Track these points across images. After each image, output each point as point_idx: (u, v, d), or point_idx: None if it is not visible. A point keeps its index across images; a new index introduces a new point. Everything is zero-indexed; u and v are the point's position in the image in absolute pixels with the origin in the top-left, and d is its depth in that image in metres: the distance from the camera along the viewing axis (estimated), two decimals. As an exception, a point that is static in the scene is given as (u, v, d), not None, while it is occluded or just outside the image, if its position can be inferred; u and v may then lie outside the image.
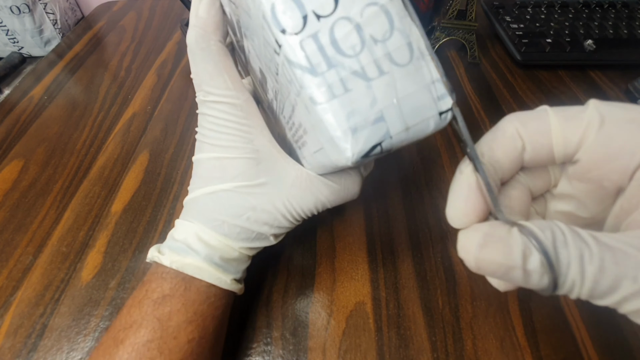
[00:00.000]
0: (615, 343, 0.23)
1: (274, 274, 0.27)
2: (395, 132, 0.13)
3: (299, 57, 0.13)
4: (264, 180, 0.20)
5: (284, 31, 0.12)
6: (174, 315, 0.19)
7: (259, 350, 0.23)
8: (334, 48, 0.12)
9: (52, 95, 0.44)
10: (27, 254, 0.29)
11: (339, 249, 0.28)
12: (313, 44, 0.12)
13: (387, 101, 0.13)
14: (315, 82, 0.13)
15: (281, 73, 0.14)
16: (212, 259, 0.20)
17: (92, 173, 0.34)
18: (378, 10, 0.12)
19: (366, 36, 0.12)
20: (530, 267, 0.11)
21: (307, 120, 0.14)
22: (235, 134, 0.19)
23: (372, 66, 0.13)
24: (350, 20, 0.12)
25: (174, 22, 0.58)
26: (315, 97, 0.13)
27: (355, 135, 0.13)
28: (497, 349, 0.23)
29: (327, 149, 0.14)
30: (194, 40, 0.18)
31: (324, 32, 0.12)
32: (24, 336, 0.24)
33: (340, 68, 0.13)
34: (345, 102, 0.13)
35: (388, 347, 0.23)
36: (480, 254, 0.12)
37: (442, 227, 0.29)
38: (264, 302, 0.25)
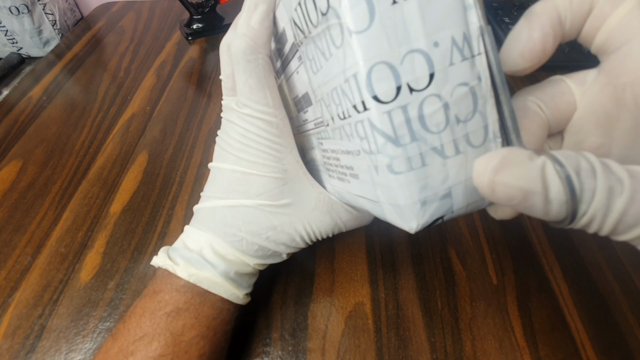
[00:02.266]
0: (614, 344, 0.23)
1: (273, 274, 0.27)
2: (458, 208, 0.14)
3: (385, 125, 0.13)
4: (288, 202, 0.20)
5: (376, 97, 0.12)
6: (187, 329, 0.18)
7: (258, 351, 0.23)
8: (420, 123, 0.13)
9: (51, 95, 0.44)
10: (25, 255, 0.29)
11: (338, 249, 0.28)
12: (401, 115, 0.12)
13: (457, 180, 0.14)
14: (397, 152, 0.13)
15: (349, 124, 0.14)
16: (228, 274, 0.20)
17: (90, 174, 0.34)
18: (467, 92, 0.13)
19: (451, 115, 0.13)
20: (551, 194, 0.11)
21: (368, 173, 0.15)
22: (266, 151, 0.19)
23: (451, 145, 0.13)
24: (440, 98, 0.13)
25: (173, 23, 0.58)
26: (394, 167, 0.13)
27: (423, 207, 0.14)
28: (496, 349, 0.23)
29: (387, 209, 0.15)
30: (242, 50, 0.18)
31: (413, 105, 0.12)
32: (22, 337, 0.24)
33: (422, 143, 0.13)
34: (421, 176, 0.13)
35: (387, 347, 0.23)
36: (497, 177, 0.11)
37: (441, 227, 0.29)
38: (263, 303, 0.25)
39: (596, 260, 0.26)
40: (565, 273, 0.26)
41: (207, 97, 0.43)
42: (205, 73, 0.47)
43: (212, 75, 0.46)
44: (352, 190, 0.18)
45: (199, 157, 0.35)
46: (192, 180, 0.33)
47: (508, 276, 0.26)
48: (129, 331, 0.18)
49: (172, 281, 0.19)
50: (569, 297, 0.25)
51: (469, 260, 0.27)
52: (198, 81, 0.45)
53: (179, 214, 0.31)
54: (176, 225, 0.30)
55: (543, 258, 0.27)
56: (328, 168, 0.20)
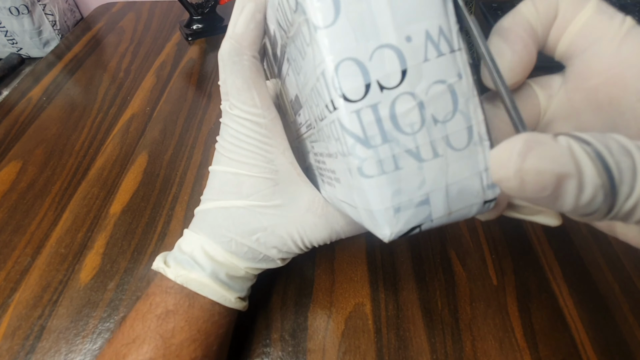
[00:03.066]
0: (614, 344, 0.23)
1: (273, 275, 0.27)
2: (437, 216, 0.13)
3: (354, 125, 0.12)
4: (279, 202, 0.19)
5: (344, 96, 0.12)
6: (177, 332, 0.18)
7: (258, 352, 0.23)
8: (392, 123, 0.12)
9: (51, 96, 0.44)
10: (25, 256, 0.29)
11: (338, 250, 0.28)
12: (371, 115, 0.12)
13: (435, 185, 0.13)
14: (367, 154, 0.12)
15: (327, 125, 0.14)
16: (217, 276, 0.19)
17: (90, 174, 0.34)
18: (444, 90, 0.12)
19: (427, 115, 0.12)
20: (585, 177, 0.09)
21: (345, 177, 0.14)
22: (256, 151, 0.19)
23: (428, 147, 0.12)
24: (414, 97, 0.12)
25: (173, 24, 0.58)
26: (364, 169, 0.12)
27: (397, 214, 0.13)
28: (496, 350, 0.23)
29: (363, 214, 0.14)
30: (227, 52, 0.18)
31: (384, 104, 0.12)
32: (22, 338, 0.24)
33: (394, 144, 0.12)
34: (394, 180, 0.12)
35: (387, 348, 0.23)
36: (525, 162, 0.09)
37: (440, 228, 0.29)
38: (263, 304, 0.25)
39: (596, 261, 0.26)
40: (565, 273, 0.26)
41: (207, 97, 0.43)
42: (205, 74, 0.47)
43: (212, 76, 0.46)
44: (337, 195, 0.17)
45: (198, 158, 0.35)
46: (192, 181, 0.33)
47: (508, 277, 0.26)
48: (122, 334, 0.19)
49: (163, 284, 0.19)
50: (569, 297, 0.25)
51: (468, 261, 0.27)
52: (198, 82, 0.45)
53: (179, 214, 0.31)
54: (176, 226, 0.30)
55: (543, 258, 0.27)
56: (320, 173, 0.19)
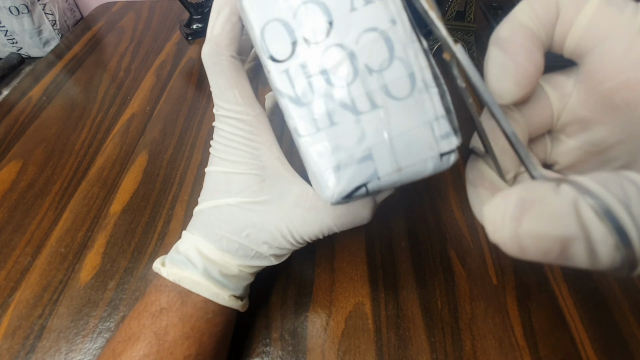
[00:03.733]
0: (614, 343, 0.23)
1: (273, 275, 0.27)
2: (385, 172, 0.12)
3: (284, 85, 0.12)
4: (267, 198, 0.19)
5: (272, 57, 0.12)
6: (171, 329, 0.19)
7: (258, 351, 0.23)
8: (322, 77, 0.11)
9: (51, 95, 0.44)
10: (25, 255, 0.29)
11: (338, 249, 0.28)
12: (300, 72, 0.12)
13: (377, 138, 0.12)
14: (300, 112, 0.12)
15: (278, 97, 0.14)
16: (210, 274, 0.20)
17: (90, 174, 0.34)
18: (377, 37, 0.11)
19: (360, 65, 0.11)
20: (595, 236, 0.08)
21: (298, 146, 0.14)
22: (243, 149, 0.19)
23: (364, 99, 0.11)
24: (344, 48, 0.11)
25: (173, 23, 0.58)
26: (299, 129, 0.12)
27: (337, 173, 0.12)
28: (496, 349, 0.23)
29: (313, 181, 0.13)
30: (207, 54, 0.18)
31: (313, 59, 0.11)
32: (22, 337, 0.24)
33: (327, 99, 0.11)
34: (331, 136, 0.12)
35: (387, 347, 0.23)
36: (520, 228, 0.08)
37: (441, 227, 0.29)
38: (262, 303, 0.25)
39: (596, 260, 0.26)
40: (565, 273, 0.26)
41: (207, 97, 0.43)
42: (205, 73, 0.47)
43: (212, 75, 0.46)
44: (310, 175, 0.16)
45: (198, 157, 0.35)
46: (192, 181, 0.33)
47: (508, 276, 0.26)
48: (120, 332, 0.19)
49: (158, 283, 0.20)
50: (568, 297, 0.25)
51: (468, 260, 0.27)
52: (198, 81, 0.45)
53: (179, 214, 0.31)
54: (176, 225, 0.30)
55: (543, 258, 0.27)
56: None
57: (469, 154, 0.16)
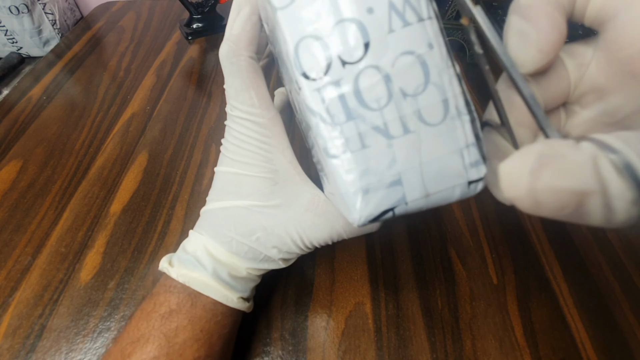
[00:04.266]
0: (614, 343, 0.23)
1: (273, 274, 0.27)
2: (413, 198, 0.12)
3: (316, 104, 0.11)
4: (278, 202, 0.19)
5: (305, 75, 0.11)
6: (180, 331, 0.18)
7: (258, 351, 0.23)
8: (356, 99, 0.11)
9: (51, 95, 0.44)
10: (25, 255, 0.29)
11: (338, 249, 0.28)
12: (334, 91, 0.11)
13: (408, 164, 0.12)
14: (331, 133, 0.11)
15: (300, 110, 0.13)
16: (219, 276, 0.20)
17: (90, 173, 0.34)
18: (413, 61, 0.11)
19: (395, 89, 0.11)
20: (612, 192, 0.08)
21: (324, 164, 0.13)
22: (255, 151, 0.19)
23: (397, 123, 0.11)
24: (379, 70, 0.11)
25: (173, 23, 0.58)
26: (329, 149, 0.12)
27: (366, 196, 0.12)
28: (496, 349, 0.23)
29: (338, 200, 0.13)
30: (225, 54, 0.18)
31: (347, 80, 0.11)
32: (23, 337, 0.24)
33: (360, 121, 0.11)
34: (361, 159, 0.12)
35: (387, 347, 0.23)
36: (538, 181, 0.08)
37: (441, 227, 0.29)
38: (263, 303, 0.25)
39: (596, 260, 0.26)
40: (565, 273, 0.26)
41: (207, 96, 0.43)
42: (205, 73, 0.47)
43: (212, 75, 0.46)
44: (327, 189, 0.16)
45: (198, 157, 0.35)
46: (192, 180, 0.33)
47: (508, 276, 0.26)
48: (128, 333, 0.19)
49: (167, 283, 0.20)
50: (569, 296, 0.25)
51: (469, 260, 0.27)
52: (198, 81, 0.45)
53: (179, 213, 0.31)
54: (176, 225, 0.30)
55: (543, 258, 0.27)
56: (318, 169, 0.18)
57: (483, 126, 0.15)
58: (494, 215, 0.29)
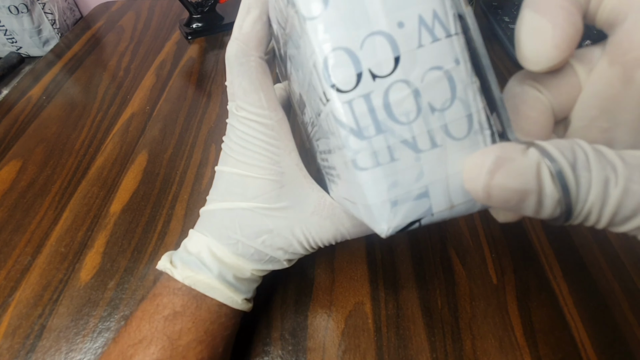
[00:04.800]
0: (614, 343, 0.23)
1: (273, 274, 0.27)
2: (438, 209, 0.12)
3: (346, 116, 0.11)
4: (285, 205, 0.19)
5: (334, 86, 0.11)
6: (184, 334, 0.18)
7: (258, 351, 0.23)
8: (385, 112, 0.11)
9: (51, 95, 0.44)
10: (25, 255, 0.29)
11: (338, 249, 0.28)
12: (364, 104, 0.11)
13: (434, 176, 0.12)
14: (360, 145, 0.12)
15: (323, 119, 0.13)
16: (224, 278, 0.19)
17: (90, 173, 0.34)
18: (441, 76, 0.11)
19: (423, 103, 0.11)
20: (546, 191, 0.10)
21: (345, 173, 0.14)
22: (263, 153, 0.19)
23: (425, 137, 0.12)
24: (409, 84, 0.11)
25: (172, 22, 0.58)
26: (358, 162, 0.12)
27: (394, 208, 0.12)
28: (495, 348, 0.23)
29: (361, 210, 0.13)
30: (234, 53, 0.18)
31: (377, 93, 0.11)
32: (22, 337, 0.24)
33: (389, 135, 0.12)
34: (389, 172, 0.12)
35: (387, 347, 0.23)
36: (492, 180, 0.10)
37: (441, 227, 0.29)
38: (263, 303, 0.25)
39: (596, 260, 0.26)
40: (565, 272, 0.26)
41: (207, 96, 0.43)
42: (205, 72, 0.47)
43: (211, 75, 0.46)
44: (340, 193, 0.16)
45: (198, 157, 0.35)
46: (192, 180, 0.33)
47: (508, 276, 0.26)
48: (129, 334, 0.19)
49: (170, 284, 0.19)
50: (568, 296, 0.25)
51: (468, 260, 0.27)
52: (198, 81, 0.45)
53: (179, 213, 0.31)
54: (176, 225, 0.30)
55: (543, 257, 0.27)
56: (326, 172, 0.19)
57: None
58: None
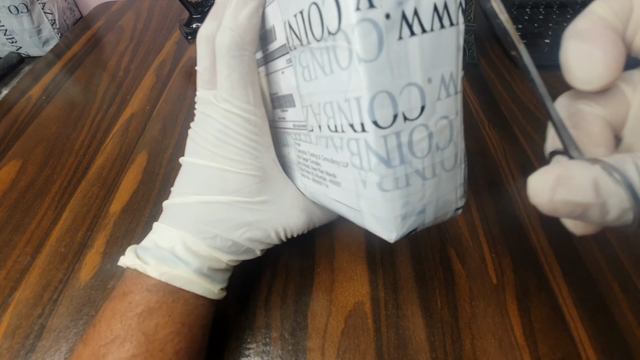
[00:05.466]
0: (614, 343, 0.23)
1: (273, 274, 0.27)
2: (429, 221, 0.16)
3: (380, 148, 0.14)
4: (265, 199, 0.20)
5: (376, 122, 0.13)
6: (161, 328, 0.18)
7: (258, 351, 0.23)
8: (408, 148, 0.14)
9: (51, 95, 0.44)
10: (25, 255, 0.29)
11: (338, 249, 0.28)
12: (395, 140, 0.14)
13: (431, 198, 0.16)
14: (387, 172, 0.14)
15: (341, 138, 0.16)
16: (201, 271, 0.19)
17: (90, 173, 0.34)
18: (447, 124, 0.15)
19: (433, 144, 0.15)
20: (611, 202, 0.11)
21: (353, 183, 0.16)
22: (244, 148, 0.19)
23: (430, 169, 0.15)
24: (427, 128, 0.14)
25: (172, 22, 0.58)
26: (383, 185, 0.15)
27: (403, 221, 0.16)
28: (495, 348, 0.23)
29: (368, 218, 0.16)
30: (227, 44, 0.17)
31: (405, 132, 0.14)
32: (22, 337, 0.24)
33: (408, 165, 0.14)
34: (404, 194, 0.15)
35: (387, 347, 0.23)
36: (555, 195, 0.12)
37: (440, 227, 0.29)
38: (262, 303, 0.25)
39: (596, 260, 0.26)
40: (565, 272, 0.26)
41: (207, 96, 0.43)
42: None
43: (211, 75, 0.46)
44: (329, 194, 0.19)
45: (198, 157, 0.35)
46: (192, 180, 0.33)
47: (507, 275, 0.26)
48: (99, 334, 0.18)
49: (142, 281, 0.19)
50: (568, 296, 0.25)
51: (468, 260, 0.27)
52: (197, 81, 0.45)
53: (179, 213, 0.31)
54: (176, 225, 0.30)
55: (543, 257, 0.27)
56: (302, 168, 0.20)
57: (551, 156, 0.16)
58: (493, 215, 0.29)
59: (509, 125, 0.37)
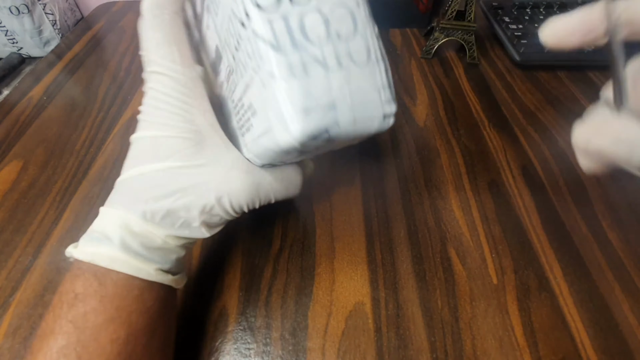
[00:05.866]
0: (614, 343, 0.23)
1: (274, 274, 0.27)
2: (344, 121, 0.15)
3: (266, 31, 0.13)
4: (201, 162, 0.18)
5: (257, 4, 0.13)
6: (91, 315, 0.17)
7: (259, 351, 0.23)
8: (301, 33, 0.13)
9: (51, 95, 0.44)
10: (26, 255, 0.29)
11: (338, 249, 0.28)
12: (282, 23, 0.13)
13: (340, 92, 0.14)
14: (278, 58, 0.13)
15: (242, 47, 0.15)
16: (129, 247, 0.17)
17: (91, 173, 0.34)
18: (346, 13, 0.14)
19: (332, 30, 0.14)
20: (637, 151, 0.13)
21: (260, 98, 0.15)
22: (174, 111, 0.18)
23: (333, 58, 0.14)
24: (321, 14, 0.14)
25: (173, 23, 0.58)
26: (275, 72, 0.13)
27: (306, 115, 0.14)
28: (495, 349, 0.23)
29: (276, 128, 0.15)
30: (148, 7, 0.17)
31: (294, 16, 0.13)
32: (23, 337, 0.24)
33: (303, 52, 0.14)
34: (303, 85, 0.14)
35: (387, 347, 0.23)
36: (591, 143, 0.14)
37: (441, 227, 0.29)
38: (263, 303, 0.25)
39: (596, 260, 0.26)
40: (565, 273, 0.26)
41: (207, 97, 0.43)
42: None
43: (212, 75, 0.46)
44: (254, 134, 0.17)
45: (199, 157, 0.35)
46: (193, 180, 0.33)
47: (508, 276, 0.26)
48: (38, 335, 0.17)
49: (73, 267, 0.18)
50: (568, 296, 0.25)
51: (469, 260, 0.27)
52: (198, 81, 0.45)
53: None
54: (176, 225, 0.30)
55: (543, 257, 0.27)
56: (241, 126, 0.19)
57: None
58: (493, 215, 0.29)
59: (509, 126, 0.37)
